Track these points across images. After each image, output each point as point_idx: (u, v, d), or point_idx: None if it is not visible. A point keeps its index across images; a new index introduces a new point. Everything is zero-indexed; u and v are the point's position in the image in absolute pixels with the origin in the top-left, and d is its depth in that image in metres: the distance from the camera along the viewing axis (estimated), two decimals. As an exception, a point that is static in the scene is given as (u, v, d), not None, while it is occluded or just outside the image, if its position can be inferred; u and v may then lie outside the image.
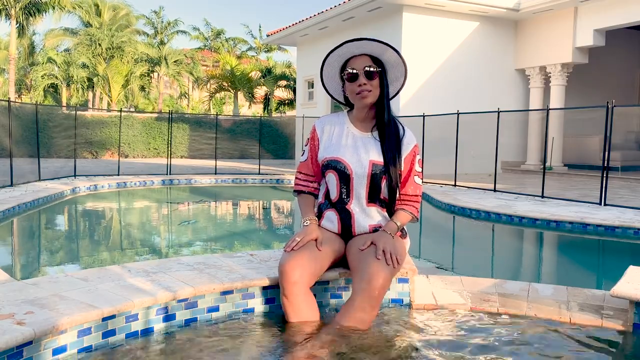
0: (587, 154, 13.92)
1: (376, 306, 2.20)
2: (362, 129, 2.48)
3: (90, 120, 20.27)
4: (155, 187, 10.94)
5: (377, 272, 2.18)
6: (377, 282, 2.16)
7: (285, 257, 2.31)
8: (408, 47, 13.27)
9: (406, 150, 2.45)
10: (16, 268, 4.58)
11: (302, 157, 2.61)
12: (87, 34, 28.82)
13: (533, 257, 5.66)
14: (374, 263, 2.21)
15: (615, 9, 12.25)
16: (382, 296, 2.21)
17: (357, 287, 2.21)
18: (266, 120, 22.84)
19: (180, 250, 5.42)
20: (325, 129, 2.53)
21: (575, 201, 7.88)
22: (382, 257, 2.23)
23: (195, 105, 41.26)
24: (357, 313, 2.18)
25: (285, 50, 33.50)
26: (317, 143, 2.53)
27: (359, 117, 2.49)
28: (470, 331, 2.31)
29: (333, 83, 2.57)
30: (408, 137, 2.47)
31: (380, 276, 2.18)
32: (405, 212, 2.48)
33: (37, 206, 7.57)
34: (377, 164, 2.39)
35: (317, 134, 2.54)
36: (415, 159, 2.48)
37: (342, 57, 2.44)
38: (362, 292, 2.18)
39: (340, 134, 2.48)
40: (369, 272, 2.19)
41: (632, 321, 2.33)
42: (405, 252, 2.52)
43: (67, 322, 1.90)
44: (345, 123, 2.51)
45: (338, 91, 2.58)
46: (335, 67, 2.49)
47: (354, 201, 2.45)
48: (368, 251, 2.30)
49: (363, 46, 2.40)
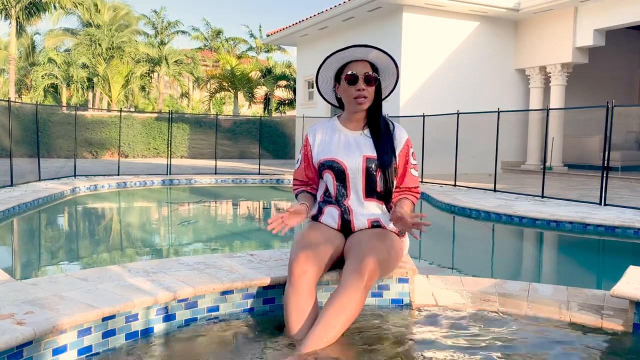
0: (587, 154, 13.92)
1: (361, 289, 2.14)
2: (354, 129, 2.54)
3: (90, 120, 20.26)
4: (155, 187, 10.94)
5: (367, 257, 2.21)
6: (365, 268, 2.17)
7: (293, 255, 2.30)
8: (408, 47, 13.27)
9: (399, 145, 2.52)
10: (16, 268, 4.58)
11: (297, 164, 2.68)
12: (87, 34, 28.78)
13: (533, 257, 5.66)
14: (366, 252, 2.24)
15: (615, 9, 12.25)
16: (370, 284, 2.19)
17: (349, 264, 2.23)
18: (266, 120, 22.84)
19: (180, 250, 5.43)
20: (317, 136, 2.59)
21: (575, 201, 7.88)
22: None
23: (196, 105, 41.25)
24: (342, 298, 2.12)
25: (285, 51, 33.51)
26: (309, 149, 2.60)
27: (350, 119, 2.55)
28: (470, 331, 2.31)
29: (327, 85, 2.62)
30: (398, 131, 2.54)
31: (369, 264, 2.19)
32: (407, 200, 2.52)
33: (37, 206, 7.57)
34: (371, 158, 2.45)
35: (309, 142, 2.61)
36: (410, 151, 2.55)
37: (341, 61, 2.48)
38: (351, 266, 2.20)
39: (332, 136, 2.56)
40: (363, 253, 2.23)
41: (632, 321, 2.33)
42: (401, 252, 2.53)
43: (67, 322, 1.90)
44: (337, 127, 2.57)
45: (329, 92, 2.64)
46: (332, 69, 2.53)
47: (352, 196, 2.50)
48: (362, 236, 2.37)
49: (364, 52, 2.44)
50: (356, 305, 2.13)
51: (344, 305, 2.11)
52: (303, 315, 2.17)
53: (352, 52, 2.43)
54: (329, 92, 2.64)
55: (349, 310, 2.11)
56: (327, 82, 2.60)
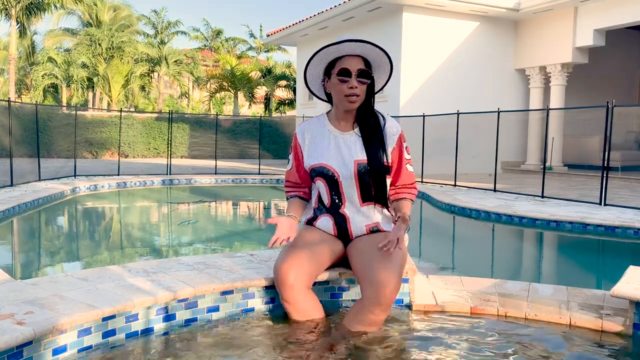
0: (587, 154, 13.92)
1: (387, 309, 2.20)
2: (344, 128, 2.41)
3: (90, 120, 20.26)
4: (155, 187, 10.94)
5: (387, 277, 2.16)
6: (388, 288, 2.14)
7: (279, 261, 2.30)
8: (408, 47, 13.27)
9: (392, 140, 2.40)
10: (16, 268, 4.58)
11: (288, 166, 2.57)
12: (87, 34, 28.79)
13: (533, 257, 5.66)
14: (382, 269, 2.18)
15: (615, 9, 12.25)
16: (394, 300, 2.19)
17: (368, 294, 2.18)
18: (266, 120, 22.83)
19: (180, 250, 5.42)
20: (306, 136, 2.47)
21: (575, 201, 7.88)
22: (388, 248, 2.18)
23: (196, 105, 41.25)
24: (368, 317, 2.18)
25: (286, 51, 33.49)
26: (299, 150, 2.48)
27: (339, 117, 2.42)
28: (470, 331, 2.31)
29: (316, 78, 2.45)
30: (390, 126, 2.40)
31: (391, 282, 2.15)
32: (407, 201, 2.44)
33: (37, 206, 7.57)
34: (362, 162, 2.34)
35: (298, 142, 2.48)
36: (403, 146, 2.43)
37: (335, 54, 2.32)
38: (373, 299, 2.16)
39: (322, 138, 2.43)
40: (379, 279, 2.16)
41: (632, 321, 2.33)
42: (406, 253, 2.49)
43: (67, 322, 1.90)
44: (326, 125, 2.44)
45: (318, 85, 2.48)
46: (323, 62, 2.37)
47: (347, 204, 2.41)
48: (374, 255, 2.25)
49: (358, 47, 2.29)
50: (380, 326, 2.25)
51: (368, 329, 2.22)
52: (308, 317, 2.28)
53: (346, 46, 2.26)
54: (316, 85, 2.47)
55: (374, 329, 2.23)
56: (317, 75, 2.43)
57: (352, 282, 2.58)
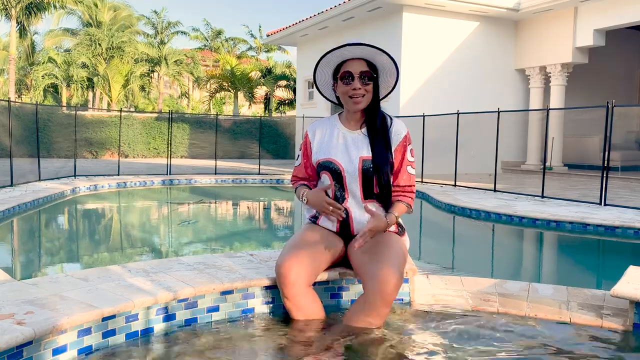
0: (587, 154, 13.92)
1: (390, 303, 2.23)
2: (352, 127, 2.51)
3: (90, 120, 20.26)
4: (155, 187, 10.94)
5: (388, 270, 2.19)
6: (389, 286, 2.17)
7: (280, 258, 2.32)
8: (408, 47, 13.27)
9: (396, 141, 2.46)
10: (16, 268, 4.58)
11: (297, 162, 2.67)
12: (87, 34, 28.79)
13: (533, 257, 5.66)
14: (383, 266, 2.21)
15: (615, 9, 12.25)
16: (396, 293, 2.22)
17: (369, 291, 2.21)
18: (266, 120, 22.83)
19: (180, 250, 5.42)
20: (316, 133, 2.58)
21: (575, 201, 7.87)
22: (364, 241, 2.24)
23: (196, 105, 41.25)
24: (369, 315, 2.22)
25: (286, 51, 33.49)
26: (309, 147, 2.58)
27: (349, 118, 2.53)
28: (470, 331, 2.31)
29: (326, 83, 2.57)
30: (396, 127, 2.48)
31: (392, 280, 2.18)
32: (401, 204, 2.47)
33: (37, 206, 7.56)
34: (367, 159, 2.42)
35: (309, 139, 2.59)
36: (407, 148, 2.49)
37: (339, 58, 2.44)
38: (374, 297, 2.19)
39: (332, 136, 2.53)
40: (380, 276, 2.18)
41: (632, 321, 2.33)
42: (406, 252, 2.51)
43: (67, 322, 1.90)
44: (336, 125, 2.55)
45: (329, 90, 2.60)
46: (330, 66, 2.49)
47: (350, 199, 2.46)
48: (374, 250, 2.31)
49: (360, 50, 2.38)
50: (382, 322, 2.28)
51: (371, 323, 2.25)
52: (308, 315, 2.30)
53: (349, 50, 2.37)
54: (328, 90, 2.59)
55: (376, 325, 2.26)
56: (327, 80, 2.55)
57: (352, 282, 2.58)
